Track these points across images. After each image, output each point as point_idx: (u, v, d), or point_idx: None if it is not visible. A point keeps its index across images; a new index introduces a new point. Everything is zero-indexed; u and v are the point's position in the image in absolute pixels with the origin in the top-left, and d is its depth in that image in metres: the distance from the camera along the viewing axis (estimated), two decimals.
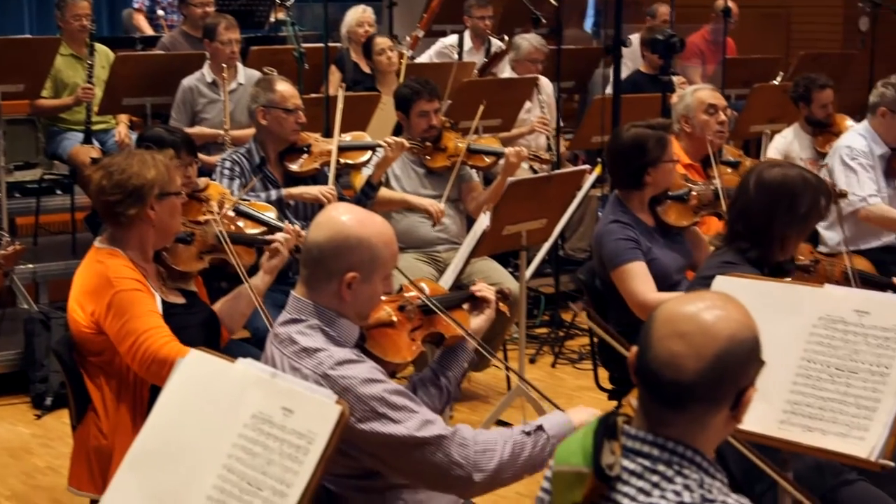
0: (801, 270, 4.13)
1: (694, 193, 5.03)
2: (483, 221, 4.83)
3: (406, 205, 5.98)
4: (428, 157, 6.05)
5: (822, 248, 5.97)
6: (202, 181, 4.69)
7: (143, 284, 3.74)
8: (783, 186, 3.84)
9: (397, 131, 6.27)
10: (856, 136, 6.04)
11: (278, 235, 4.17)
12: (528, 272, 5.80)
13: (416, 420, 2.81)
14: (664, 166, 4.85)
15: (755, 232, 3.83)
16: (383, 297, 3.15)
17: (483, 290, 3.54)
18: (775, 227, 3.81)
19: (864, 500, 3.41)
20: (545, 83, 7.98)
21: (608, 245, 4.74)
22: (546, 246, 6.06)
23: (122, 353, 3.66)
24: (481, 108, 6.25)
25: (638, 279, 4.65)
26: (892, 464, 2.76)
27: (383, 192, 5.90)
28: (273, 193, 5.28)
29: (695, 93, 5.75)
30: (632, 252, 4.70)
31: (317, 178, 5.49)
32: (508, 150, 6.05)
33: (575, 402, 6.10)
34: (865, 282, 4.37)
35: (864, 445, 2.79)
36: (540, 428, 2.95)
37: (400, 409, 2.81)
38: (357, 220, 2.94)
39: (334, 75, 7.98)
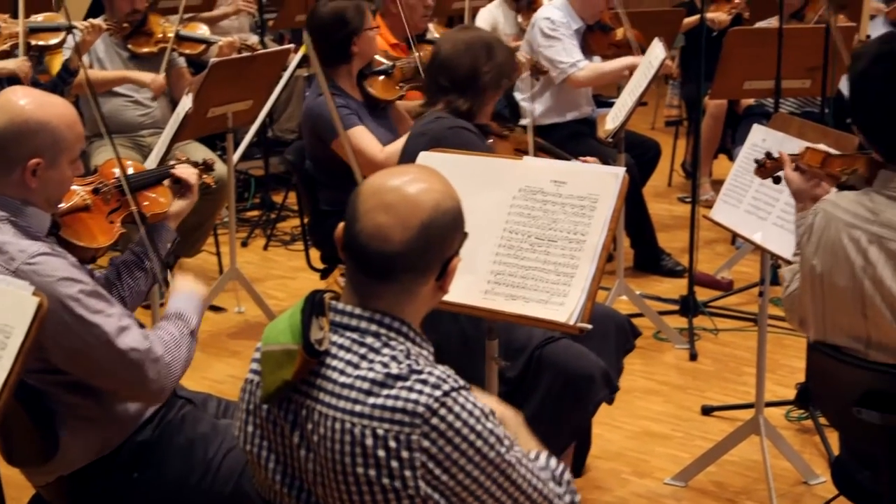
0: (497, 137, 4.24)
1: (397, 67, 5.15)
2: (185, 103, 4.71)
3: (125, 81, 5.81)
4: (132, 42, 5.87)
5: (524, 122, 6.10)
6: None
7: None
8: (478, 38, 3.96)
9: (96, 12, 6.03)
10: (553, 10, 6.15)
11: None
12: (236, 155, 5.72)
13: (112, 326, 2.71)
14: (367, 34, 4.96)
15: (460, 82, 3.89)
16: (75, 182, 3.03)
17: (184, 170, 3.43)
18: (479, 77, 3.88)
19: (568, 354, 3.56)
20: None
21: (324, 117, 4.69)
22: (253, 128, 5.99)
23: None
24: None
25: (366, 140, 4.73)
26: (589, 326, 2.86)
27: (98, 73, 5.71)
28: None
29: None
30: (351, 118, 4.76)
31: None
32: (223, 40, 5.93)
33: (288, 284, 6.14)
34: (546, 151, 4.53)
35: (564, 311, 2.88)
36: (190, 322, 2.95)
37: (97, 313, 2.71)
38: (36, 104, 2.80)
39: None
